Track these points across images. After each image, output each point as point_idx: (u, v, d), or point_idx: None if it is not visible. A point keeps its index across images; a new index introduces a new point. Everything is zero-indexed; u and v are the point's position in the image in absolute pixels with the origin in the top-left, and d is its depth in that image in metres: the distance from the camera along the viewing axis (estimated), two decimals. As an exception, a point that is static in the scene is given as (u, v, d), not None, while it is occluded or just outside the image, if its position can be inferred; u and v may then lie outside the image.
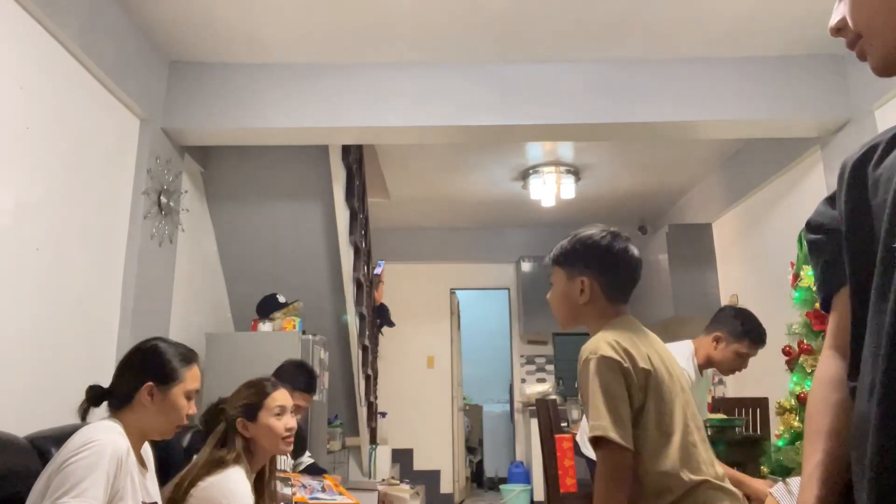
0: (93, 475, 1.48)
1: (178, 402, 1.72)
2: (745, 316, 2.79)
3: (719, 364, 2.76)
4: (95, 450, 1.52)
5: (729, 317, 2.79)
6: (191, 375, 1.76)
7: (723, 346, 2.74)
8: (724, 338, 2.74)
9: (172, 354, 1.76)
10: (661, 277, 6.02)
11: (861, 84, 3.54)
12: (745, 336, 2.72)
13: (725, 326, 2.75)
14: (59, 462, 1.53)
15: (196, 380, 1.77)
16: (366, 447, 5.47)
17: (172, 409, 1.71)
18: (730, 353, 2.73)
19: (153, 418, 1.70)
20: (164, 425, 1.74)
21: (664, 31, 3.48)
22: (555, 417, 4.27)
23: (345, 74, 3.72)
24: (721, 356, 2.74)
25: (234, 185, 4.35)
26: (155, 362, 1.73)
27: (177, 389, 1.72)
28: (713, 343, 2.75)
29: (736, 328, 2.73)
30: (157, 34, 3.43)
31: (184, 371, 1.74)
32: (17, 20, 2.49)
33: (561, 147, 5.24)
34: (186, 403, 1.74)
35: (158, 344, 1.78)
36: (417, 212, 6.88)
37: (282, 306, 4.11)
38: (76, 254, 2.86)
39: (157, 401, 1.69)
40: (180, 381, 1.72)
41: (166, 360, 1.74)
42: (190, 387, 1.75)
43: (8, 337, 2.41)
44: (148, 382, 1.69)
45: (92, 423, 1.67)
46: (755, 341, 2.73)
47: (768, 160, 4.70)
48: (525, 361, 7.36)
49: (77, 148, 2.87)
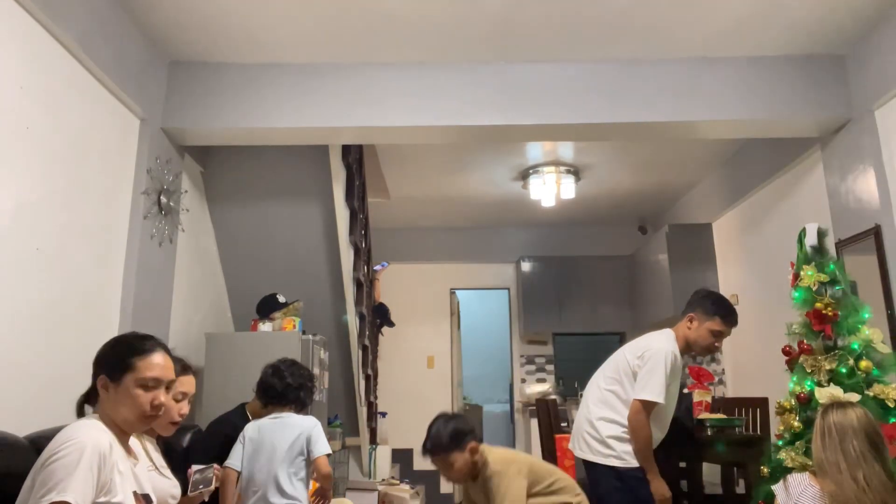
0: (74, 472, 1.50)
1: (131, 391, 1.67)
2: (715, 296, 3.01)
3: (695, 343, 2.91)
4: (75, 447, 1.53)
5: (700, 297, 2.97)
6: (144, 364, 1.70)
7: (696, 325, 2.90)
8: (697, 317, 2.90)
9: (125, 346, 1.75)
10: (661, 277, 6.02)
11: (861, 84, 3.55)
12: (716, 313, 2.88)
13: (698, 307, 2.92)
14: (42, 462, 1.55)
15: (152, 368, 1.71)
16: (366, 447, 5.47)
17: (127, 398, 1.67)
18: (703, 330, 2.88)
19: (115, 410, 1.69)
20: (128, 416, 1.69)
21: (664, 30, 3.48)
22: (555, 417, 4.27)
23: (345, 74, 3.72)
24: (696, 335, 2.89)
25: (234, 184, 4.35)
26: (106, 355, 1.74)
27: (128, 380, 1.68)
28: (688, 323, 2.92)
29: (707, 307, 2.90)
30: (156, 34, 3.44)
31: (135, 360, 1.70)
32: (17, 20, 2.49)
33: (561, 147, 5.24)
34: (144, 393, 1.68)
35: (117, 337, 1.80)
36: (417, 212, 6.88)
37: (282, 306, 4.11)
38: (76, 254, 2.86)
39: (112, 393, 1.68)
40: (131, 370, 1.68)
41: (116, 351, 1.74)
42: (143, 375, 1.69)
43: (8, 337, 2.42)
44: (101, 375, 1.70)
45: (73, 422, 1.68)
46: (725, 317, 2.89)
47: (768, 160, 4.70)
48: (525, 361, 7.36)
49: (77, 148, 2.87)
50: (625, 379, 2.85)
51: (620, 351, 2.99)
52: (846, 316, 2.87)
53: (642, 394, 2.75)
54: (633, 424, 2.76)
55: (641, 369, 2.79)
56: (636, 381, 2.80)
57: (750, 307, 5.13)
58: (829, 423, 2.22)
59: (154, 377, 1.71)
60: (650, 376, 2.76)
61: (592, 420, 2.87)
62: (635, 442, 2.76)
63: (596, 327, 7.07)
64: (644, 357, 2.81)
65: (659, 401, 2.73)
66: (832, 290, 2.93)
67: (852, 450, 2.14)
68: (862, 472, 2.10)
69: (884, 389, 2.70)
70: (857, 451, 2.13)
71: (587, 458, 2.85)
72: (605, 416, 2.84)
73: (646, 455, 2.75)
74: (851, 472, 2.10)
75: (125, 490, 1.62)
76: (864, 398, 2.68)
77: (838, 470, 2.13)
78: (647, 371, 2.77)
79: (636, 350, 2.89)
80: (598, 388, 2.94)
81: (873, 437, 2.17)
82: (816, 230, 3.05)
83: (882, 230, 3.36)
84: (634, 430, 2.76)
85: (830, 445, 2.18)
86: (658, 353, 2.79)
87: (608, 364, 3.00)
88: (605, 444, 2.80)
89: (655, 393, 2.73)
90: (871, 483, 2.07)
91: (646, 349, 2.84)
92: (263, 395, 2.83)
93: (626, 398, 2.81)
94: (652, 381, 2.75)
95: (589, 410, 2.92)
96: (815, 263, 2.98)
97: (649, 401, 2.73)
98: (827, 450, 2.19)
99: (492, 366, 8.56)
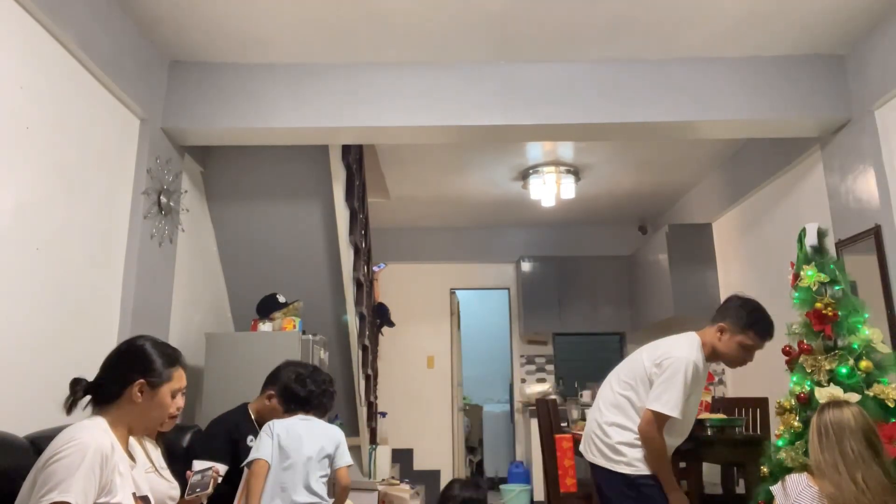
0: (76, 473, 1.51)
1: (165, 400, 1.78)
2: (751, 306, 2.67)
3: (724, 356, 2.67)
4: (77, 447, 1.54)
5: (734, 307, 2.68)
6: (177, 375, 1.83)
7: (727, 338, 2.63)
8: (729, 328, 2.63)
9: (161, 354, 1.82)
10: (661, 277, 6.02)
11: (861, 84, 3.55)
12: (751, 327, 2.61)
13: (730, 317, 2.65)
14: (44, 461, 1.55)
15: (182, 379, 1.85)
16: (366, 447, 5.47)
17: (159, 406, 1.78)
18: (734, 344, 2.62)
19: (141, 415, 1.75)
20: (150, 422, 1.81)
21: (664, 30, 3.48)
22: (555, 417, 4.27)
23: (344, 74, 3.72)
24: (725, 348, 2.64)
25: (234, 184, 4.35)
26: (146, 361, 1.78)
27: (165, 388, 1.78)
28: (717, 334, 2.65)
29: (741, 318, 2.62)
30: (157, 34, 3.44)
31: (171, 371, 1.81)
32: (17, 20, 2.49)
33: (561, 147, 5.24)
34: (172, 400, 1.81)
35: (146, 344, 1.83)
36: (417, 212, 6.88)
37: (282, 306, 4.11)
38: (76, 254, 2.86)
39: (147, 398, 1.74)
40: (168, 380, 1.79)
41: (156, 359, 1.80)
42: (176, 386, 1.82)
43: (8, 337, 2.42)
44: (139, 380, 1.74)
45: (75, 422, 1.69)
46: (761, 333, 2.63)
47: (768, 160, 4.70)
48: (525, 361, 7.36)
49: (77, 148, 2.87)
50: (640, 385, 2.64)
51: (639, 353, 2.78)
52: (846, 316, 2.87)
53: (655, 405, 2.55)
54: (644, 435, 2.57)
55: (658, 378, 2.58)
56: (651, 390, 2.59)
57: (750, 307, 5.12)
58: (826, 423, 2.22)
59: (181, 388, 1.85)
60: (667, 387, 2.54)
61: (603, 424, 2.70)
62: (648, 453, 2.58)
63: (596, 327, 7.07)
64: (663, 365, 2.59)
65: (673, 415, 2.52)
66: (832, 290, 2.92)
67: (850, 451, 2.13)
68: (861, 474, 2.09)
69: (884, 389, 2.70)
70: (855, 453, 2.13)
71: (597, 462, 2.69)
72: (617, 422, 2.66)
73: (660, 465, 2.57)
74: (850, 474, 2.10)
75: (125, 491, 1.63)
76: (864, 398, 2.68)
77: (836, 471, 2.13)
78: (664, 381, 2.55)
79: (655, 356, 2.66)
80: (611, 391, 2.75)
81: (871, 436, 2.17)
82: (816, 230, 3.05)
83: (882, 230, 3.36)
84: (645, 441, 2.58)
85: (828, 446, 2.18)
86: (678, 362, 2.56)
87: (624, 366, 2.81)
88: (615, 450, 2.63)
89: (670, 406, 2.52)
90: (870, 484, 2.07)
91: (665, 357, 2.61)
92: (286, 401, 2.83)
93: (639, 405, 2.62)
94: (668, 393, 2.53)
95: (601, 413, 2.74)
96: (815, 263, 2.98)
97: (662, 413, 2.53)
98: (825, 451, 2.18)
99: (492, 366, 8.56)
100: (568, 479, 3.82)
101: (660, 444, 2.56)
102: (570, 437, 3.89)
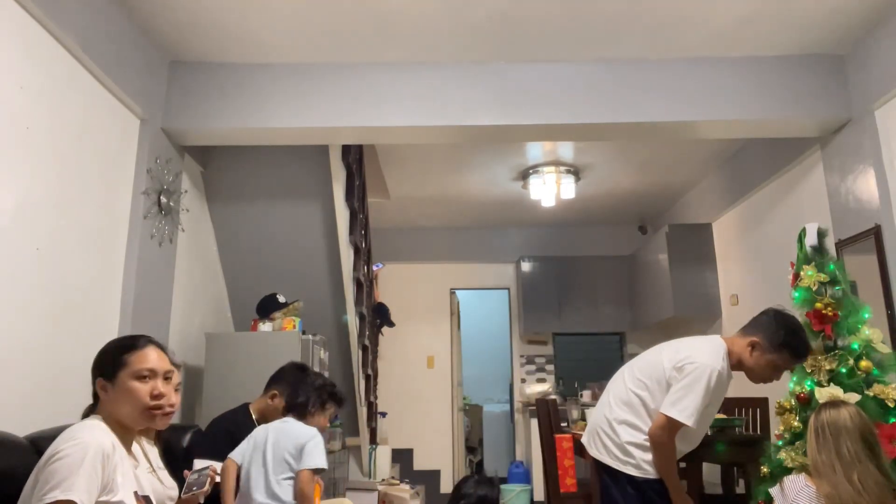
0: (78, 471, 1.51)
1: (128, 386, 1.72)
2: (788, 325, 2.50)
3: (750, 371, 2.54)
4: (79, 446, 1.55)
5: (771, 323, 2.50)
6: (136, 358, 1.75)
7: (758, 354, 2.49)
8: (761, 345, 2.48)
9: (113, 346, 1.81)
10: (661, 277, 6.03)
11: (861, 84, 3.55)
12: (785, 347, 2.47)
13: (765, 333, 2.49)
14: (45, 460, 1.56)
15: (145, 360, 1.76)
16: (366, 447, 5.47)
17: (127, 393, 1.72)
18: (764, 362, 2.49)
19: (118, 408, 1.73)
20: (131, 411, 1.73)
21: (664, 30, 3.48)
22: (555, 417, 4.27)
23: (345, 74, 3.72)
24: (754, 363, 2.50)
25: (234, 184, 4.35)
26: (98, 360, 1.79)
27: (123, 375, 1.73)
28: (748, 348, 2.50)
29: (776, 337, 2.46)
30: (157, 34, 3.44)
31: (126, 356, 1.75)
32: (17, 20, 2.49)
33: (561, 147, 5.24)
34: (142, 385, 1.73)
35: (109, 341, 1.85)
36: (417, 212, 6.88)
37: (282, 306, 4.11)
38: (76, 254, 2.86)
39: (111, 392, 1.73)
40: (124, 366, 1.74)
41: (105, 353, 1.79)
42: (137, 367, 1.74)
43: (8, 337, 2.41)
44: (98, 379, 1.75)
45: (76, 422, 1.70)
46: (795, 355, 2.50)
47: (768, 160, 4.70)
48: (525, 361, 7.36)
49: (77, 148, 2.87)
50: (656, 387, 2.50)
51: (658, 352, 2.62)
52: (846, 316, 2.87)
53: (672, 410, 2.40)
54: (654, 440, 2.44)
55: (678, 383, 2.43)
56: (668, 394, 2.45)
57: (750, 307, 5.12)
58: (822, 423, 2.22)
59: (149, 368, 1.75)
60: (685, 394, 2.40)
61: (612, 421, 2.56)
62: (656, 458, 2.45)
63: (596, 327, 7.07)
64: (684, 370, 2.44)
65: (688, 423, 2.39)
66: (832, 290, 2.93)
67: (846, 451, 2.14)
68: (857, 474, 2.10)
69: (884, 389, 2.70)
70: (851, 453, 2.14)
71: (603, 460, 2.56)
72: (627, 421, 2.53)
73: (668, 472, 2.45)
74: (846, 474, 2.11)
75: (126, 490, 1.63)
76: (864, 398, 2.68)
77: (833, 471, 2.13)
78: (684, 387, 2.41)
79: (676, 359, 2.49)
80: (623, 387, 2.60)
81: (867, 436, 2.17)
82: (816, 230, 3.05)
83: (882, 230, 3.36)
84: (655, 446, 2.45)
85: (825, 446, 2.19)
86: (701, 369, 2.41)
87: (640, 362, 2.65)
88: (624, 450, 2.50)
89: (686, 414, 2.38)
90: (867, 484, 2.08)
91: (688, 361, 2.45)
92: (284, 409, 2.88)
93: (653, 407, 2.49)
94: (686, 400, 2.40)
95: (610, 408, 2.59)
96: (815, 263, 2.98)
97: (676, 420, 2.39)
98: (821, 451, 2.19)
99: (492, 366, 8.56)
100: (568, 479, 3.81)
101: (670, 451, 2.46)
102: (570, 437, 3.88)
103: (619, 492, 2.51)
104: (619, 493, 2.50)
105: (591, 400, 6.40)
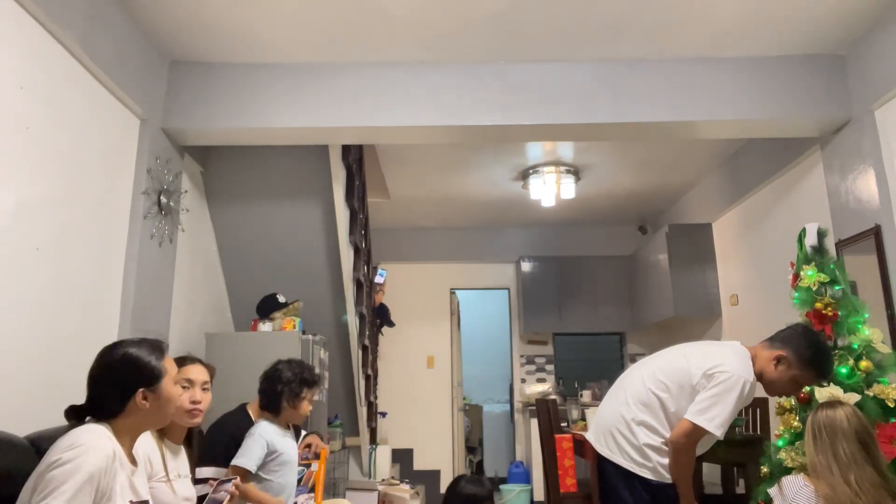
0: (75, 478, 1.51)
1: (170, 391, 1.78)
2: (818, 344, 2.46)
3: (770, 384, 2.48)
4: (80, 453, 1.54)
5: (801, 340, 2.45)
6: (169, 364, 1.82)
7: (783, 369, 2.43)
8: (788, 359, 2.42)
9: (147, 354, 1.77)
10: (661, 277, 6.03)
11: (861, 84, 3.54)
12: (811, 366, 2.41)
13: (792, 348, 2.43)
14: (45, 465, 1.55)
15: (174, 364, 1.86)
16: (366, 447, 5.47)
17: (169, 400, 1.78)
18: (788, 377, 2.43)
19: (153, 417, 1.76)
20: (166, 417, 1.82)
21: (664, 30, 3.48)
22: (555, 417, 4.27)
23: (345, 74, 3.72)
24: (777, 377, 2.44)
25: (234, 184, 4.35)
26: (137, 367, 1.73)
27: (165, 382, 1.77)
28: (773, 361, 2.44)
29: (804, 354, 2.41)
30: (157, 34, 3.44)
31: (163, 364, 1.78)
32: (17, 20, 2.48)
33: (561, 147, 5.24)
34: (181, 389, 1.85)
35: (130, 350, 1.76)
36: (417, 212, 6.89)
37: (282, 306, 4.11)
38: (76, 254, 2.86)
39: (153, 401, 1.73)
40: (164, 373, 1.77)
41: (145, 362, 1.75)
42: (172, 373, 1.81)
43: (8, 337, 2.41)
44: (139, 390, 1.71)
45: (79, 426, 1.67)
46: (821, 373, 2.46)
47: (768, 160, 4.70)
48: (525, 361, 7.36)
49: (77, 148, 2.87)
50: (678, 391, 2.41)
51: (682, 355, 2.53)
52: (846, 316, 2.87)
53: (700, 418, 2.32)
54: (676, 446, 2.36)
55: (707, 390, 2.35)
56: (696, 401, 2.36)
57: (750, 307, 5.13)
58: (819, 424, 2.23)
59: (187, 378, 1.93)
60: (716, 403, 2.32)
61: (630, 422, 2.46)
62: (674, 464, 2.39)
63: (596, 327, 7.07)
64: (715, 378, 2.35)
65: (717, 434, 2.32)
66: (832, 290, 2.93)
67: (843, 453, 2.15)
68: (854, 475, 2.11)
69: (884, 389, 2.70)
70: (847, 454, 2.14)
71: (615, 460, 2.47)
72: (645, 422, 2.43)
73: (684, 478, 2.39)
74: (843, 475, 2.12)
75: (124, 498, 1.63)
76: (864, 398, 2.69)
77: (830, 472, 2.15)
78: (715, 396, 2.33)
79: (705, 365, 2.40)
80: (642, 386, 2.49)
81: (864, 437, 2.18)
82: (816, 230, 3.06)
83: (882, 230, 3.36)
84: (675, 452, 2.37)
85: (821, 447, 2.20)
86: (734, 380, 2.34)
87: (660, 362, 2.56)
88: (642, 452, 2.42)
89: (716, 423, 2.31)
90: (863, 486, 2.09)
91: (719, 369, 2.37)
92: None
93: (673, 411, 2.40)
94: (716, 409, 2.32)
95: (628, 408, 2.48)
96: (815, 263, 2.99)
97: (703, 428, 2.32)
98: (819, 452, 2.20)
99: (492, 366, 8.56)
100: (568, 479, 3.81)
101: (690, 458, 2.39)
102: (570, 437, 3.89)
103: (629, 493, 2.44)
104: (630, 494, 2.43)
105: (591, 400, 6.40)
